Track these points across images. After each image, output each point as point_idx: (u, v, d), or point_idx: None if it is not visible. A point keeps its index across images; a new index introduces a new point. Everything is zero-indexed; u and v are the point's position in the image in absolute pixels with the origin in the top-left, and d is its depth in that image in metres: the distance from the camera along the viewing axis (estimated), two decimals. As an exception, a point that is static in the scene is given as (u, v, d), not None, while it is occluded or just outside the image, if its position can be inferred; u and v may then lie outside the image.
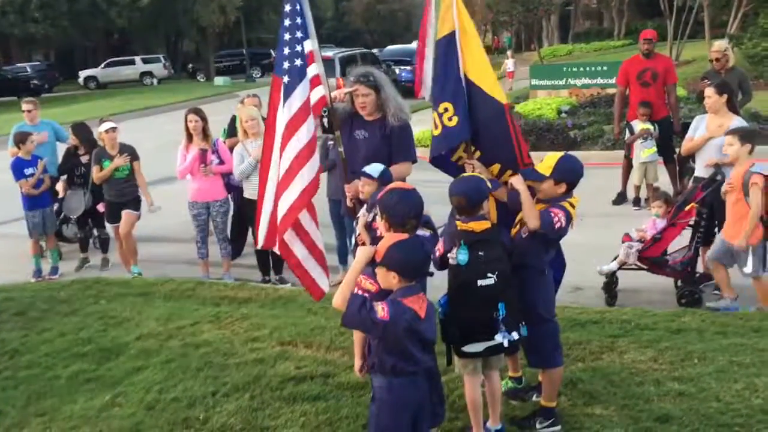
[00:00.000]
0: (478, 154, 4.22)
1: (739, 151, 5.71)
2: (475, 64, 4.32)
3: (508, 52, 27.61)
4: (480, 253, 3.63)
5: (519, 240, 3.92)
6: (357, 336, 3.97)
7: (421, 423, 3.26)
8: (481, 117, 4.21)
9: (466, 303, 3.64)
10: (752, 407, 4.14)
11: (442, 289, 3.82)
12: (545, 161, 3.89)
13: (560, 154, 3.93)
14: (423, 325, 3.17)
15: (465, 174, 4.08)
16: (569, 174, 3.86)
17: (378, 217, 3.64)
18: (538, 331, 3.85)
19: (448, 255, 3.67)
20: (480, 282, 3.60)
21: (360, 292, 3.50)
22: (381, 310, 3.09)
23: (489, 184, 3.86)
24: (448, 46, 4.37)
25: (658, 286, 6.52)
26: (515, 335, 3.69)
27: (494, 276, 3.61)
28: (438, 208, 4.32)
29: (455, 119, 4.25)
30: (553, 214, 3.79)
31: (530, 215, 3.83)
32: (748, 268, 5.71)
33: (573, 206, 3.86)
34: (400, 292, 3.18)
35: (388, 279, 3.20)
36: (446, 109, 4.29)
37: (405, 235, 3.30)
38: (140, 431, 4.30)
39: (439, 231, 3.90)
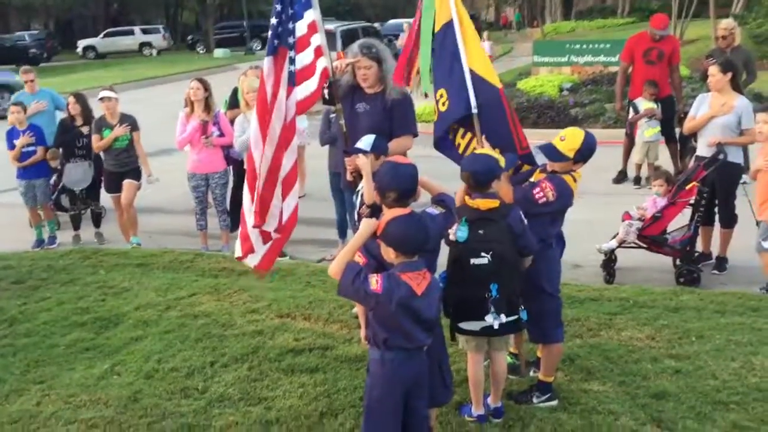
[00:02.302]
0: (483, 136, 4.21)
1: None
2: (471, 51, 4.39)
3: (484, 34, 23.90)
4: (480, 231, 3.59)
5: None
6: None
7: (416, 401, 3.22)
8: (481, 102, 4.24)
9: (459, 281, 3.61)
10: (748, 385, 4.16)
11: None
12: (568, 141, 3.83)
13: (581, 134, 3.86)
14: (419, 302, 3.11)
15: (478, 151, 4.05)
16: (588, 155, 3.86)
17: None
18: (541, 306, 3.84)
19: (449, 231, 3.63)
20: (473, 261, 3.56)
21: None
22: (375, 282, 3.07)
23: (502, 164, 3.83)
24: (445, 36, 4.44)
25: (656, 264, 6.53)
26: (503, 318, 3.63)
27: (488, 256, 3.56)
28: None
29: (447, 103, 4.37)
30: (536, 190, 3.78)
31: (504, 193, 3.81)
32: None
33: (575, 180, 3.84)
34: (399, 266, 3.15)
35: (388, 253, 3.18)
36: (441, 95, 4.41)
37: (407, 210, 3.26)
38: (139, 400, 4.31)
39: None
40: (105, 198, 8.21)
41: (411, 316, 3.12)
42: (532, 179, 4.01)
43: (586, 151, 3.82)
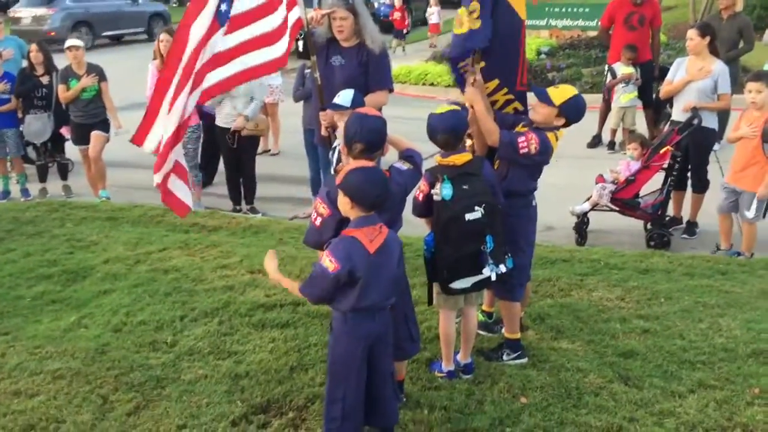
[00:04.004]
0: (482, 65, 4.01)
1: (767, 98, 5.65)
2: None
3: (432, 0, 19.83)
4: (464, 186, 3.55)
5: (502, 169, 3.88)
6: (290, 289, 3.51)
7: (381, 356, 3.16)
8: (500, 29, 3.98)
9: (454, 238, 3.56)
10: (715, 345, 4.22)
11: (419, 227, 3.75)
12: (560, 90, 3.84)
13: (574, 90, 3.89)
14: (372, 260, 2.99)
15: (443, 108, 3.89)
16: (574, 112, 3.83)
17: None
18: (513, 263, 3.84)
19: (432, 191, 3.58)
20: (468, 216, 3.52)
21: (315, 214, 3.36)
22: (328, 262, 2.96)
23: (467, 117, 3.78)
24: None
25: (627, 228, 6.58)
26: (503, 268, 3.65)
27: (481, 209, 3.53)
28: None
29: (479, 22, 4.00)
30: (521, 138, 3.74)
31: (488, 130, 3.81)
32: (751, 213, 5.71)
33: (557, 138, 3.82)
34: (353, 222, 3.06)
35: (345, 205, 3.07)
36: (474, 10, 4.02)
37: (369, 163, 3.17)
38: (107, 352, 4.25)
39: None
40: (73, 152, 8.02)
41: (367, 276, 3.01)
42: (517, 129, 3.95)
43: (572, 108, 3.79)
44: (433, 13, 19.65)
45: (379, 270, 3.03)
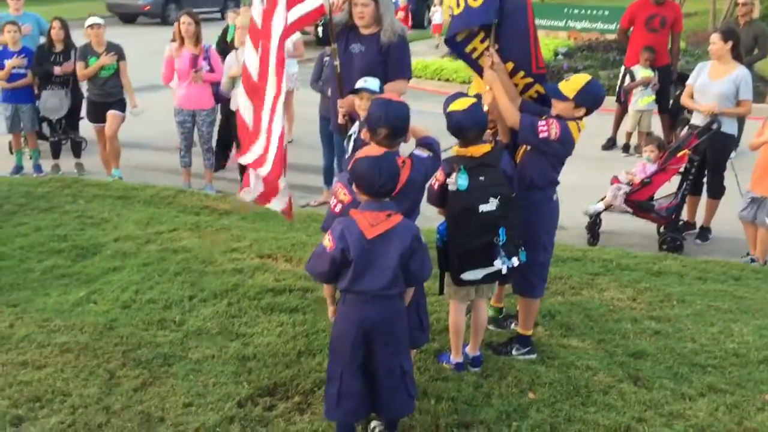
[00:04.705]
0: (496, 47, 3.94)
1: None
2: None
3: None
4: (480, 177, 3.52)
5: (524, 159, 3.84)
6: (325, 288, 3.41)
7: (380, 346, 3.08)
8: (507, 7, 3.91)
9: (466, 229, 3.54)
10: (726, 350, 4.19)
11: (433, 219, 3.72)
12: (571, 82, 3.78)
13: (587, 77, 3.81)
14: (367, 244, 2.96)
15: (463, 102, 3.69)
16: (592, 100, 3.77)
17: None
18: (534, 259, 3.80)
19: (448, 181, 3.55)
20: (482, 207, 3.50)
21: (335, 201, 3.35)
22: (328, 242, 3.00)
23: (486, 107, 3.75)
24: None
25: (640, 230, 6.53)
26: (515, 261, 3.62)
27: (496, 201, 3.51)
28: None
29: (480, 0, 3.92)
30: (541, 122, 3.70)
31: (507, 114, 3.78)
32: None
33: (579, 129, 3.77)
34: (360, 206, 3.06)
35: (355, 189, 3.09)
36: None
37: (381, 150, 3.12)
38: (114, 328, 4.25)
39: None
40: (86, 129, 8.02)
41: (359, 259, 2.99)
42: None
43: (587, 95, 3.73)
44: (437, 13, 18.92)
45: (374, 257, 3.00)
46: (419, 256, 3.10)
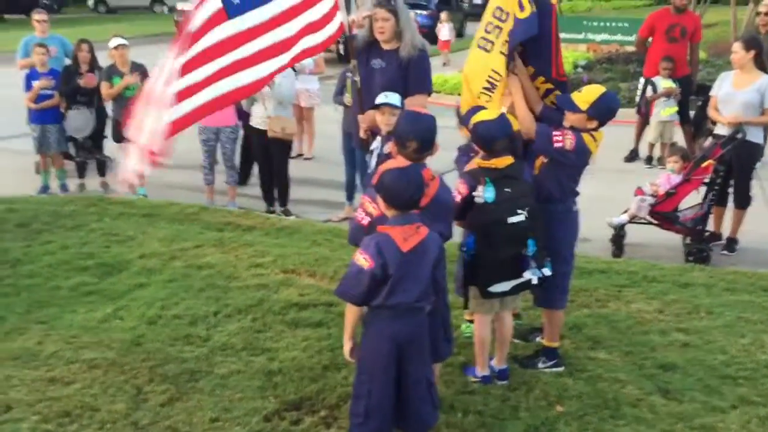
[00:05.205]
0: (519, 49, 3.91)
1: None
2: None
3: (442, 15, 18.97)
4: (507, 189, 3.52)
5: (542, 172, 3.83)
6: (349, 315, 3.22)
7: (412, 360, 3.08)
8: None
9: (496, 241, 3.53)
10: (758, 362, 4.12)
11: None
12: (585, 93, 3.77)
13: (601, 90, 3.80)
14: (405, 258, 2.95)
15: (489, 114, 3.69)
16: (605, 113, 3.76)
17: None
18: (556, 270, 3.78)
19: (474, 194, 3.55)
20: (510, 219, 3.50)
21: (362, 214, 3.34)
22: (363, 261, 2.94)
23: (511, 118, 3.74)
24: None
25: (665, 242, 6.46)
26: (546, 271, 3.62)
27: (525, 212, 3.51)
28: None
29: (529, 10, 3.81)
30: (557, 132, 3.69)
31: (524, 122, 3.77)
32: None
33: (595, 140, 3.76)
34: (390, 220, 3.03)
35: (381, 204, 3.06)
36: None
37: (406, 163, 3.13)
38: (141, 344, 4.28)
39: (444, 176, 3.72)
40: (111, 149, 8.13)
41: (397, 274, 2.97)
42: None
43: (602, 107, 3.73)
44: (443, 29, 18.52)
45: (411, 269, 2.99)
46: (443, 265, 3.17)
